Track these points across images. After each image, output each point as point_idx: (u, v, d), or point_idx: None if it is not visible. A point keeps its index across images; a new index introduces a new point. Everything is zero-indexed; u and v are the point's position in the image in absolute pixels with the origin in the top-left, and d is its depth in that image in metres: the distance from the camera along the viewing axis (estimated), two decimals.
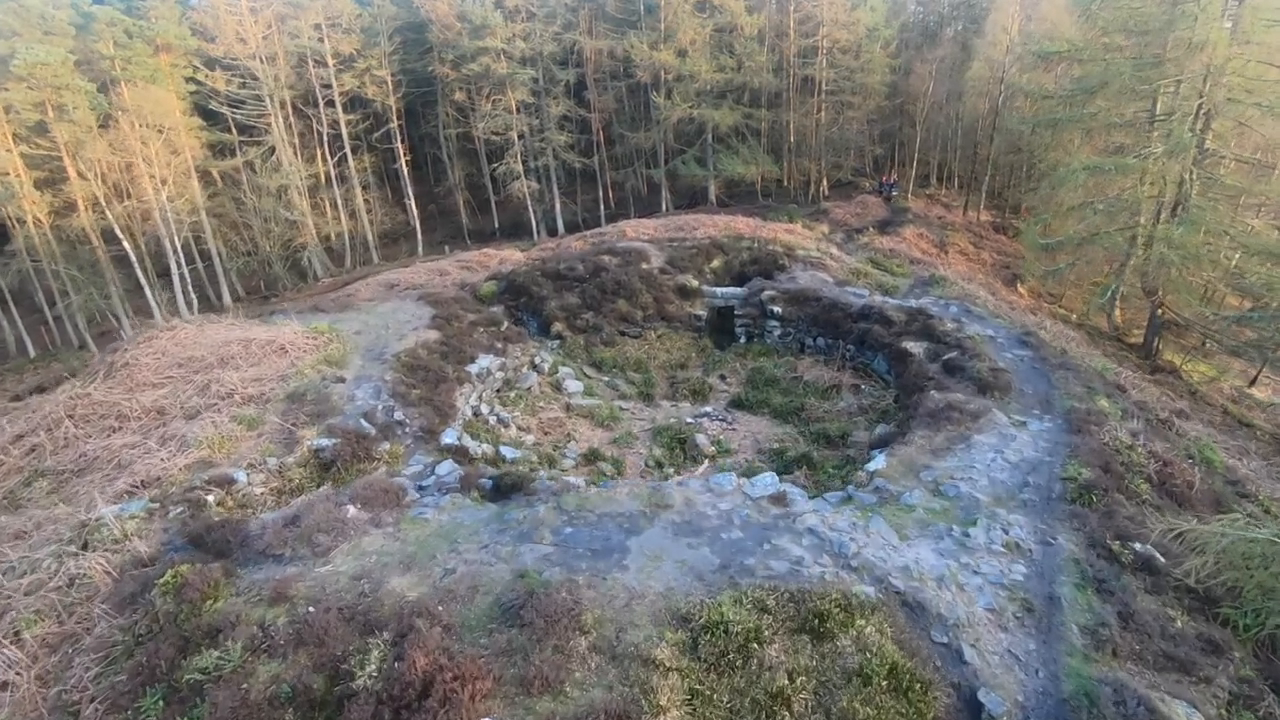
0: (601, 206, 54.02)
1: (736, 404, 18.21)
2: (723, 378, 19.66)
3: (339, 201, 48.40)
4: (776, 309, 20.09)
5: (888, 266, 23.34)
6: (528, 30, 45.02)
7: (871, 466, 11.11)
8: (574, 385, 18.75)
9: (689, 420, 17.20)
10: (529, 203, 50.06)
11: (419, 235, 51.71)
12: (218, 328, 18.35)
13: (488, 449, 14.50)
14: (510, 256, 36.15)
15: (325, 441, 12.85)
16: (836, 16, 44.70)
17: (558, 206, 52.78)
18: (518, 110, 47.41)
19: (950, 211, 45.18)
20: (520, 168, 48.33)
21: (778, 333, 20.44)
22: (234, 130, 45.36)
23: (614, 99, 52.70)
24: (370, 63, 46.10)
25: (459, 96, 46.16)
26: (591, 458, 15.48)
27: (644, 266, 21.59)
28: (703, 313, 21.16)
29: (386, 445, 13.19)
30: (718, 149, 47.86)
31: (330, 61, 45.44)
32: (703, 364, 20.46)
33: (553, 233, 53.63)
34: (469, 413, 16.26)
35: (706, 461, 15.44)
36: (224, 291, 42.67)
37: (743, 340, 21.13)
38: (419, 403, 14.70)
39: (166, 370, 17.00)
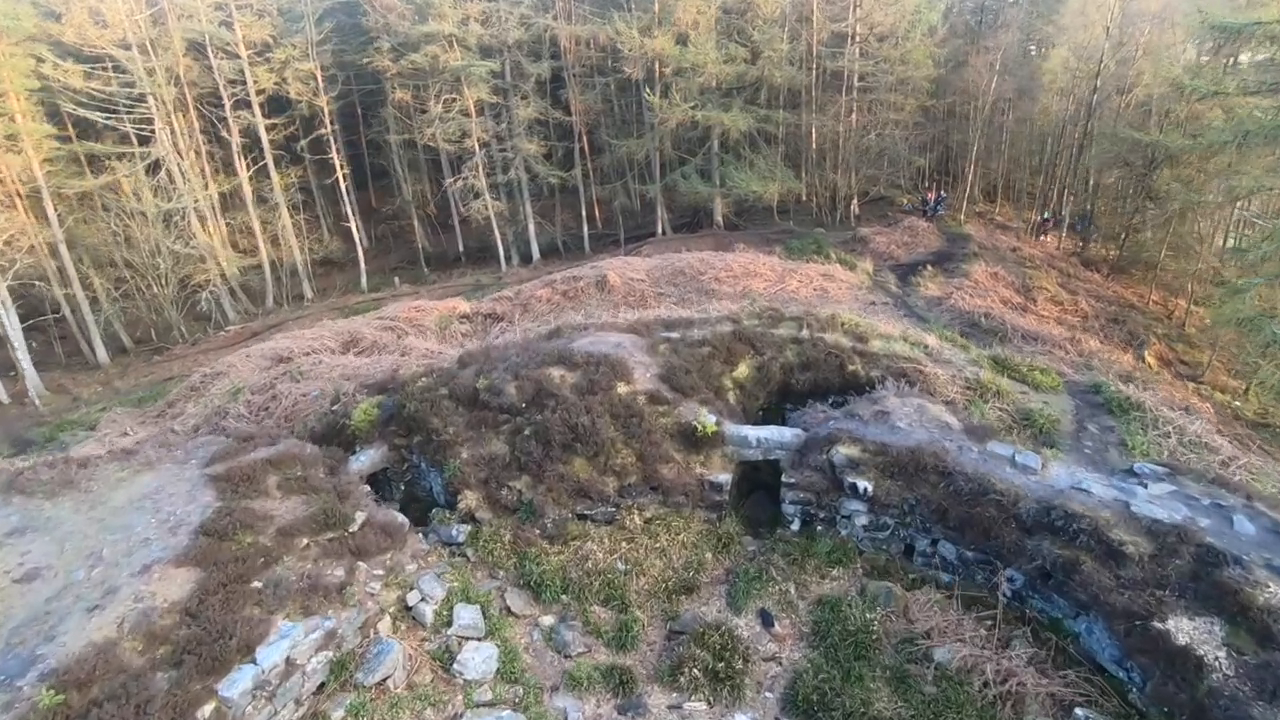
0: (585, 226, 44.83)
1: (801, 706, 9.07)
2: (765, 620, 10.48)
3: (257, 226, 39.11)
4: (863, 484, 10.90)
5: (1021, 371, 14.17)
6: (487, 12, 35.79)
7: None
8: (479, 658, 9.55)
9: None
10: (495, 225, 40.83)
11: (362, 264, 42.47)
12: None
13: None
14: (453, 309, 27.05)
15: None
16: None
17: (532, 228, 43.58)
18: (478, 113, 38.20)
19: (1019, 239, 36.07)
20: (483, 183, 39.14)
21: (862, 521, 11.25)
22: (134, 141, 36.14)
23: (599, 99, 43.45)
24: (291, 53, 36.81)
25: (400, 96, 36.88)
26: None
27: (621, 390, 12.38)
28: (724, 477, 11.94)
29: None
30: (726, 159, 38.65)
31: (243, 52, 36.21)
32: (726, 582, 11.25)
33: (526, 259, 44.49)
34: None
35: None
36: (98, 346, 33.38)
37: (796, 525, 11.94)
38: None
39: None
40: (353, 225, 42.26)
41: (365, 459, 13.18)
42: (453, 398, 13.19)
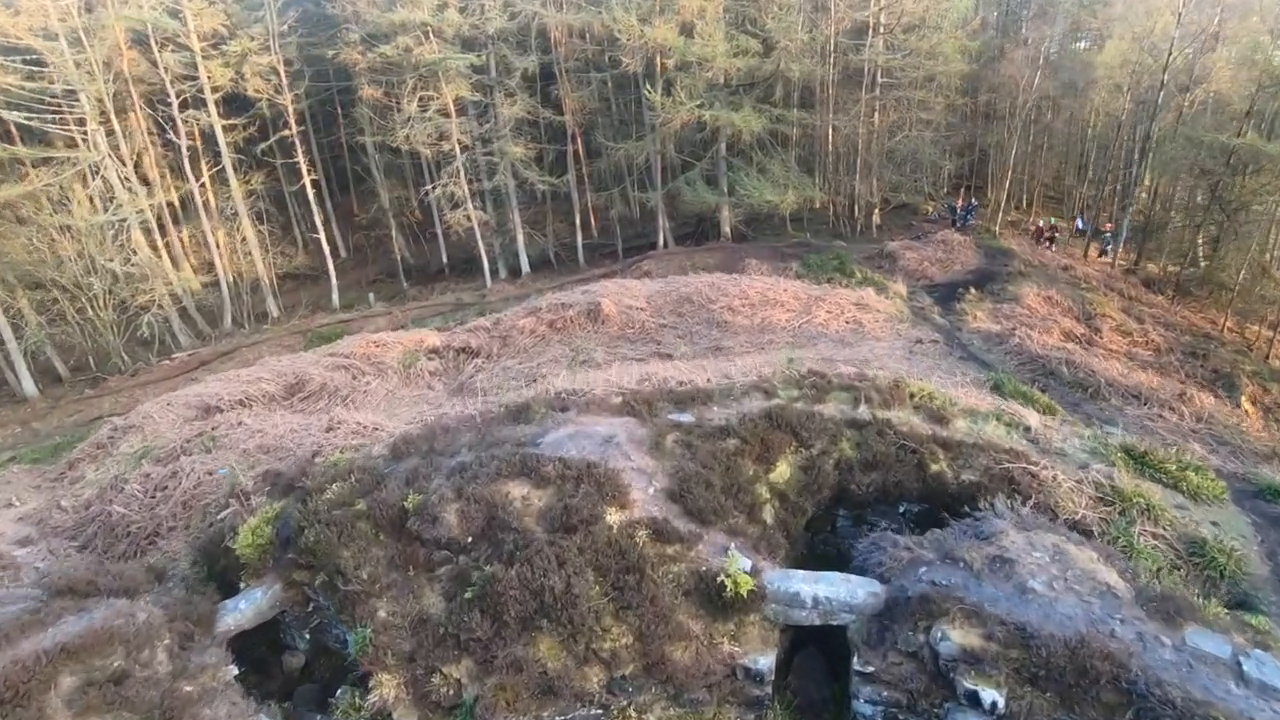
0: (579, 237, 40.86)
1: None
2: None
3: (212, 239, 35.13)
4: (990, 696, 6.96)
5: (1168, 470, 10.10)
6: None
7: None
8: None
9: None
10: (479, 237, 36.90)
11: (333, 279, 38.47)
12: None
13: None
14: (421, 343, 23.12)
15: None
16: None
17: (521, 239, 39.60)
18: (458, 112, 34.25)
19: (1068, 254, 32.13)
20: (464, 191, 35.18)
21: None
22: (80, 145, 32.15)
23: (595, 97, 39.49)
24: (249, 46, 32.81)
25: (369, 92, 32.88)
26: None
27: (611, 520, 8.44)
28: (765, 660, 7.97)
29: None
30: (735, 164, 34.74)
31: (195, 44, 32.22)
32: None
33: (515, 273, 40.56)
34: None
35: None
36: (24, 376, 29.38)
37: None
38: None
39: None
40: (322, 236, 38.26)
41: (248, 606, 9.23)
42: (372, 519, 9.23)
